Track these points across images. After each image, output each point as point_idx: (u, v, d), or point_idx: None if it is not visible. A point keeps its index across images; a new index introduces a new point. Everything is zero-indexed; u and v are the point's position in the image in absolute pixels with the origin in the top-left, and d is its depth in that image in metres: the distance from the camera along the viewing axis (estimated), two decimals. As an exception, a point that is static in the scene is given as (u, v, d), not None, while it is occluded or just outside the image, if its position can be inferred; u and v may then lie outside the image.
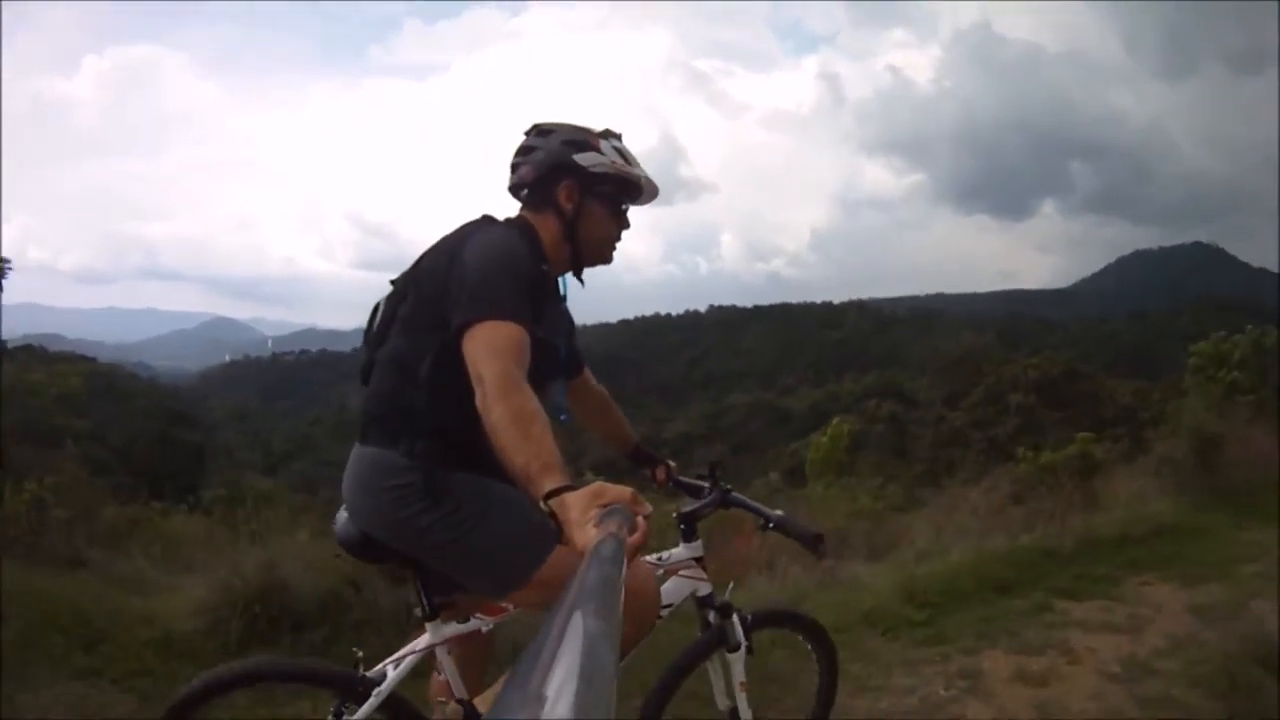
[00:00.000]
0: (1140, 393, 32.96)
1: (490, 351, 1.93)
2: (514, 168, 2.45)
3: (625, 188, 2.48)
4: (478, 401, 1.88)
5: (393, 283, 2.40)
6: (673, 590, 2.62)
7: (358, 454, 2.33)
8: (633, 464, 3.06)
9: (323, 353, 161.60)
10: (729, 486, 2.78)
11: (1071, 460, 9.41)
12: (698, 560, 2.68)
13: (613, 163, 2.40)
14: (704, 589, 2.69)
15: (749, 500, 2.72)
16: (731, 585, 2.82)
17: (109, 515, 7.22)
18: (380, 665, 2.44)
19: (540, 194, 2.42)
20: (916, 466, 29.18)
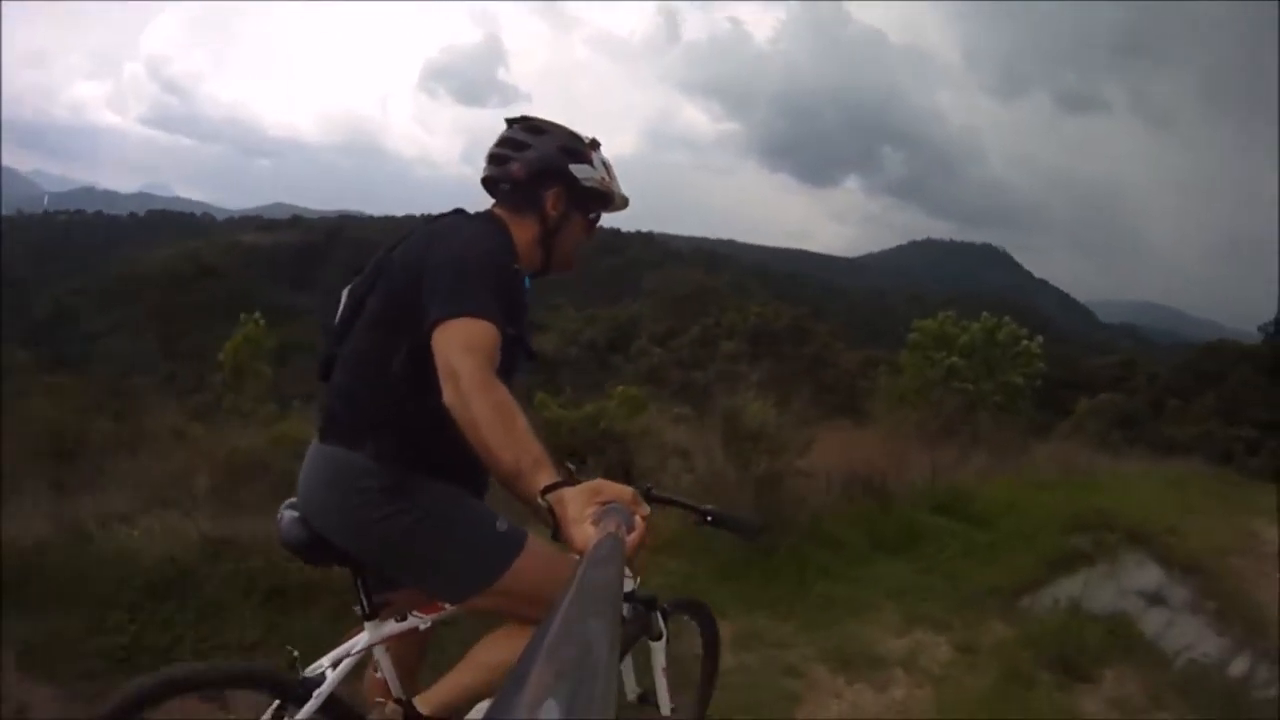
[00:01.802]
0: (869, 361, 32.70)
1: (466, 348, 1.90)
2: (498, 159, 2.42)
3: (603, 200, 2.50)
4: (448, 397, 1.85)
5: (356, 273, 2.38)
6: None
7: (317, 452, 2.32)
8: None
9: (98, 215, 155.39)
10: (649, 485, 2.66)
11: (588, 419, 9.27)
12: None
13: (601, 178, 2.43)
14: (629, 584, 2.68)
15: (678, 496, 2.83)
16: (638, 579, 2.74)
17: None
18: (316, 665, 2.39)
19: (524, 195, 2.40)
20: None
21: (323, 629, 3.84)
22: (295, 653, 2.40)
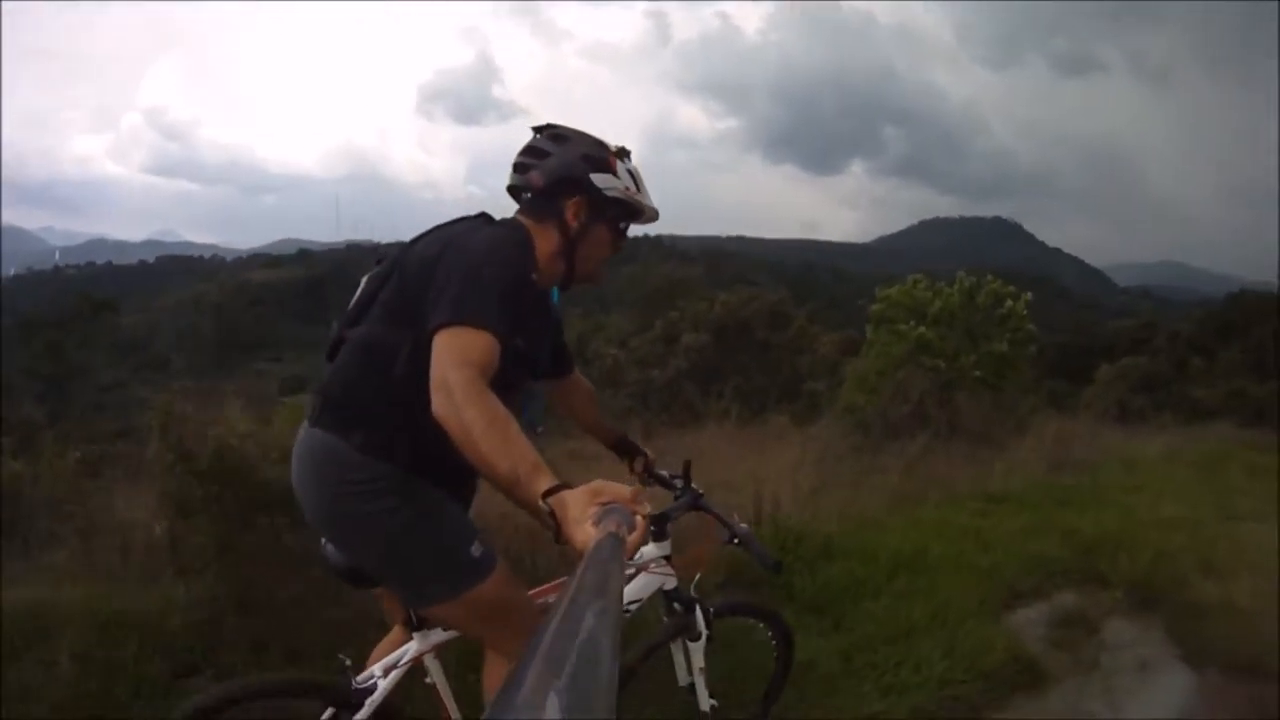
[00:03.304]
0: (848, 344, 28.98)
1: (461, 359, 1.85)
2: (520, 168, 2.39)
3: (632, 211, 2.44)
4: (437, 408, 1.79)
5: (378, 261, 2.38)
6: (642, 586, 2.73)
7: (307, 435, 2.30)
8: (614, 454, 3.10)
9: (108, 265, 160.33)
10: (700, 490, 2.83)
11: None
12: (666, 558, 2.76)
13: (625, 188, 2.37)
14: (670, 583, 2.78)
15: (718, 510, 2.76)
16: (697, 578, 2.87)
17: None
18: (368, 674, 2.46)
19: (545, 204, 2.36)
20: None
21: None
22: (347, 661, 2.46)
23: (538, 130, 2.41)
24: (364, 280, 2.37)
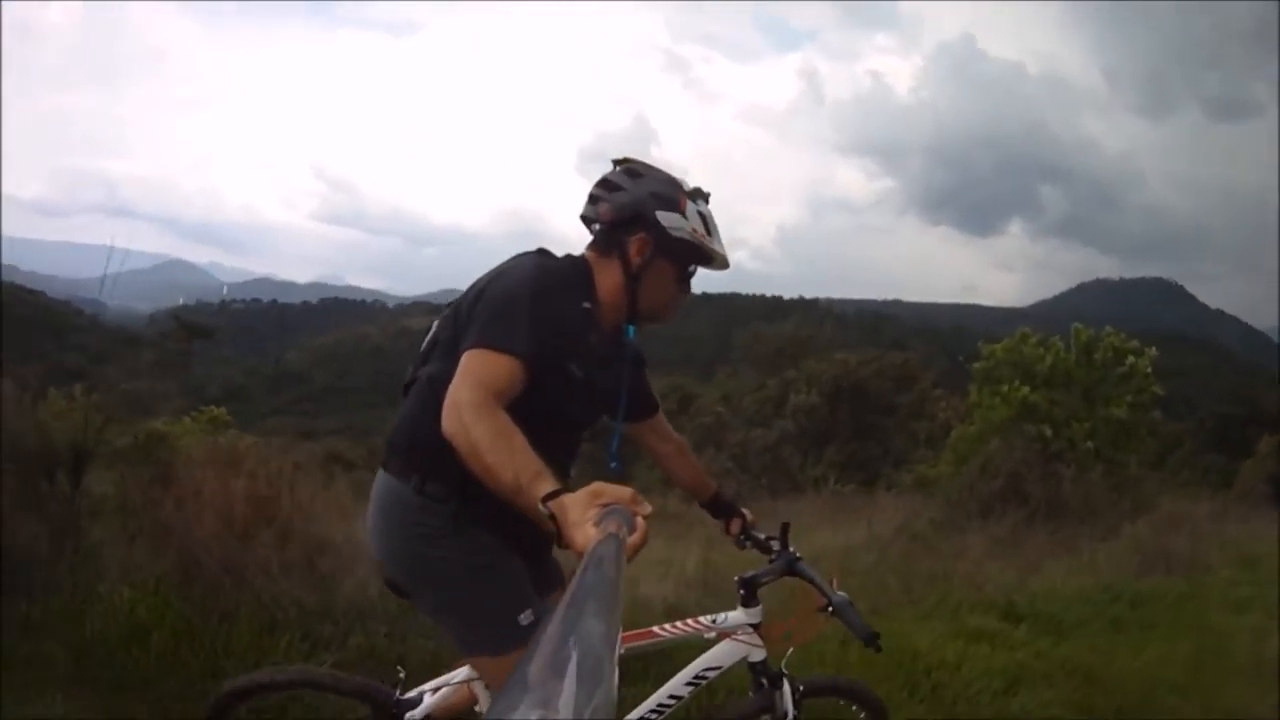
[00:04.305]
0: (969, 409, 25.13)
1: (476, 380, 1.92)
2: (592, 199, 2.40)
3: (701, 255, 2.41)
4: (446, 425, 1.86)
5: (450, 305, 2.39)
6: (725, 654, 2.64)
7: (378, 479, 2.39)
8: (709, 513, 3.00)
9: (273, 303, 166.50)
10: (797, 554, 2.68)
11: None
12: (754, 627, 2.64)
13: (694, 230, 2.35)
14: (757, 655, 2.65)
15: (815, 575, 2.59)
16: (790, 651, 2.70)
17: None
18: (419, 689, 2.56)
19: (611, 238, 2.37)
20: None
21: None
22: (403, 674, 2.57)
23: (617, 163, 2.42)
24: (435, 322, 2.40)
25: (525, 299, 2.08)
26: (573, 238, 2.49)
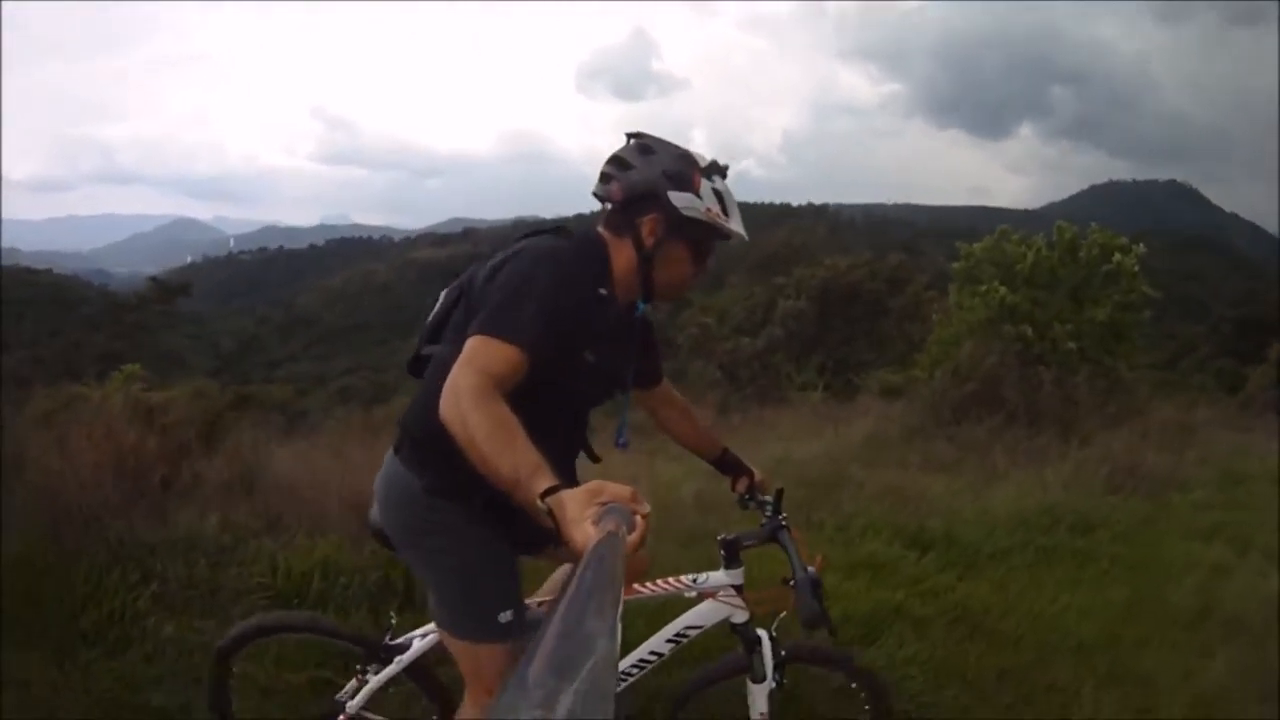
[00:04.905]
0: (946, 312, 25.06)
1: (477, 366, 1.86)
2: (604, 178, 2.34)
3: (716, 233, 2.34)
4: (443, 411, 1.80)
5: (456, 274, 2.41)
6: (707, 613, 2.64)
7: (390, 460, 2.39)
8: (718, 470, 2.95)
9: (280, 250, 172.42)
10: (785, 521, 2.60)
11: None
12: (737, 589, 2.63)
13: (708, 209, 2.27)
14: (739, 616, 2.65)
15: (791, 546, 2.49)
16: (783, 614, 2.66)
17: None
18: (408, 635, 2.67)
19: (623, 218, 2.29)
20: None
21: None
22: (394, 619, 2.76)
23: (630, 137, 2.36)
24: (442, 295, 2.40)
25: (538, 288, 2.02)
26: (574, 156, 3.57)
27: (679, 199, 2.23)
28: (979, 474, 7.81)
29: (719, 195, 2.29)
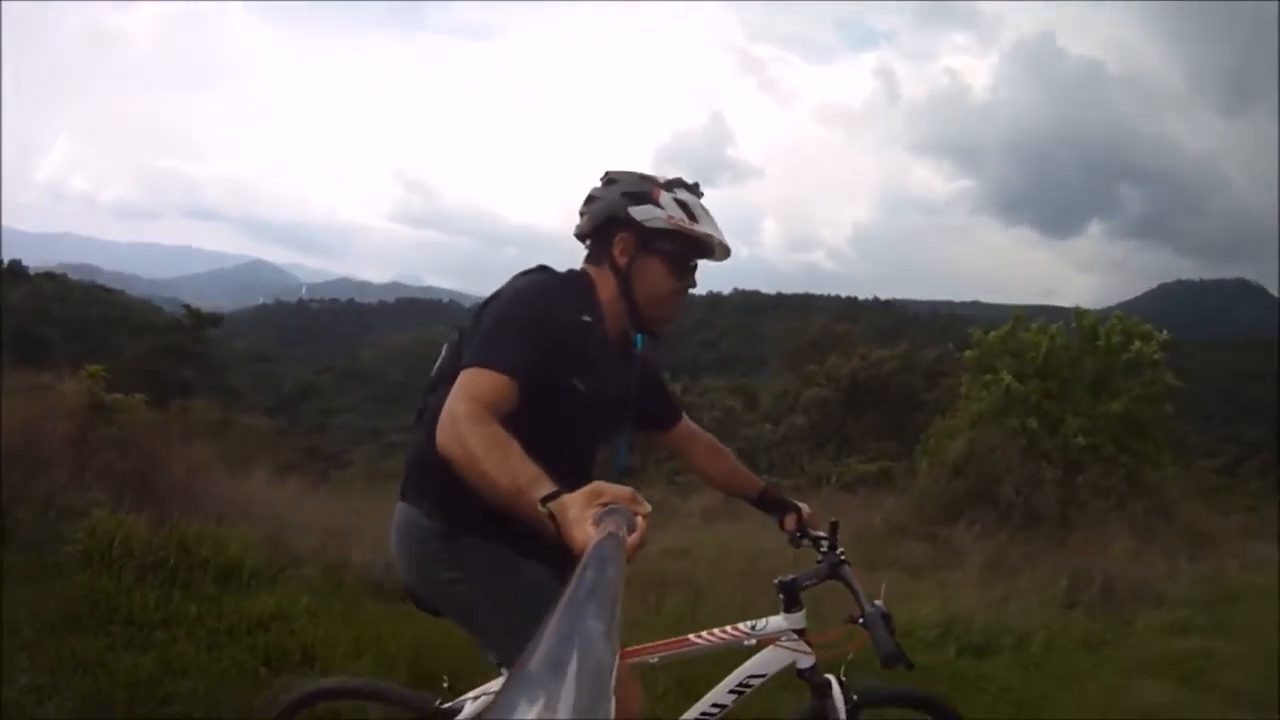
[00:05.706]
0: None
1: (468, 394, 1.92)
2: (580, 215, 2.45)
3: (691, 243, 2.40)
4: (441, 440, 1.84)
5: (459, 329, 2.43)
6: (769, 660, 2.56)
7: (396, 509, 2.43)
8: (761, 510, 2.84)
9: (350, 303, 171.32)
10: (844, 556, 2.57)
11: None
12: (799, 632, 2.55)
13: (670, 217, 2.34)
14: (805, 661, 2.55)
15: (855, 581, 2.50)
16: (850, 656, 2.59)
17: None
18: (460, 699, 2.62)
19: (598, 246, 2.40)
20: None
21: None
22: (446, 683, 2.68)
23: (602, 179, 2.43)
24: (444, 347, 2.43)
25: (520, 317, 2.10)
26: (647, 238, 2.34)
27: (639, 212, 2.28)
28: (939, 580, 7.15)
29: (683, 205, 2.32)
